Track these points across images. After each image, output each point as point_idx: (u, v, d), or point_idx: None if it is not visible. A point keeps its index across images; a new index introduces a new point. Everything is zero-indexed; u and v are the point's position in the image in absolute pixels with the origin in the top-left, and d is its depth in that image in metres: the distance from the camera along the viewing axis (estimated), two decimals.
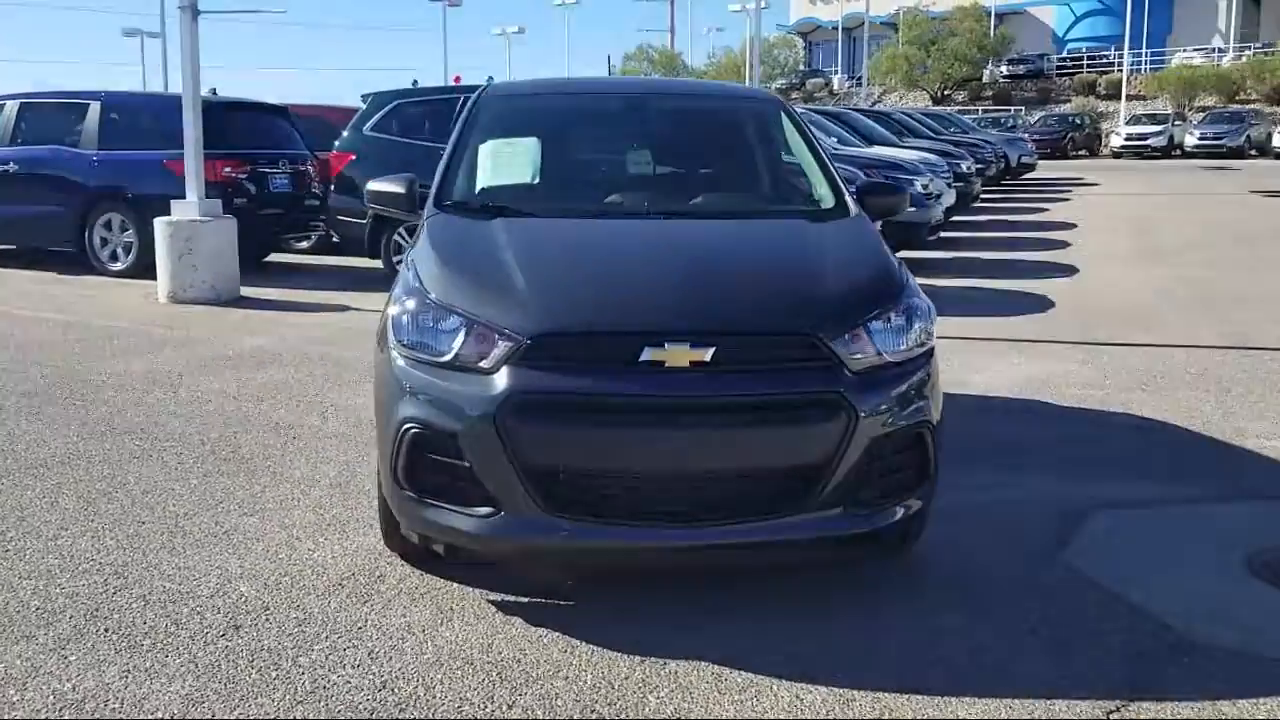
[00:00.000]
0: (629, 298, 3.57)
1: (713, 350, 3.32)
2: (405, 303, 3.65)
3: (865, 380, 3.43)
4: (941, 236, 14.54)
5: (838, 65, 66.83)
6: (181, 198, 10.15)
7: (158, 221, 10.05)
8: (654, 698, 3.08)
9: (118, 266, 11.46)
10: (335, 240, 12.65)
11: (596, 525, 3.35)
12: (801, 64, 68.39)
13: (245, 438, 5.59)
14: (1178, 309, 9.84)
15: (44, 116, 12.12)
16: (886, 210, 4.63)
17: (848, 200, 4.49)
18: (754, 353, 3.42)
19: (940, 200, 13.17)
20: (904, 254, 6.04)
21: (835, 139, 13.95)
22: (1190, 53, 53.04)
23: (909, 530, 3.72)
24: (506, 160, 4.90)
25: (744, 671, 3.20)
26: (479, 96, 5.01)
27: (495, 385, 3.32)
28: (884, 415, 3.44)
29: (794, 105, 6.78)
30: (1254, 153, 40.99)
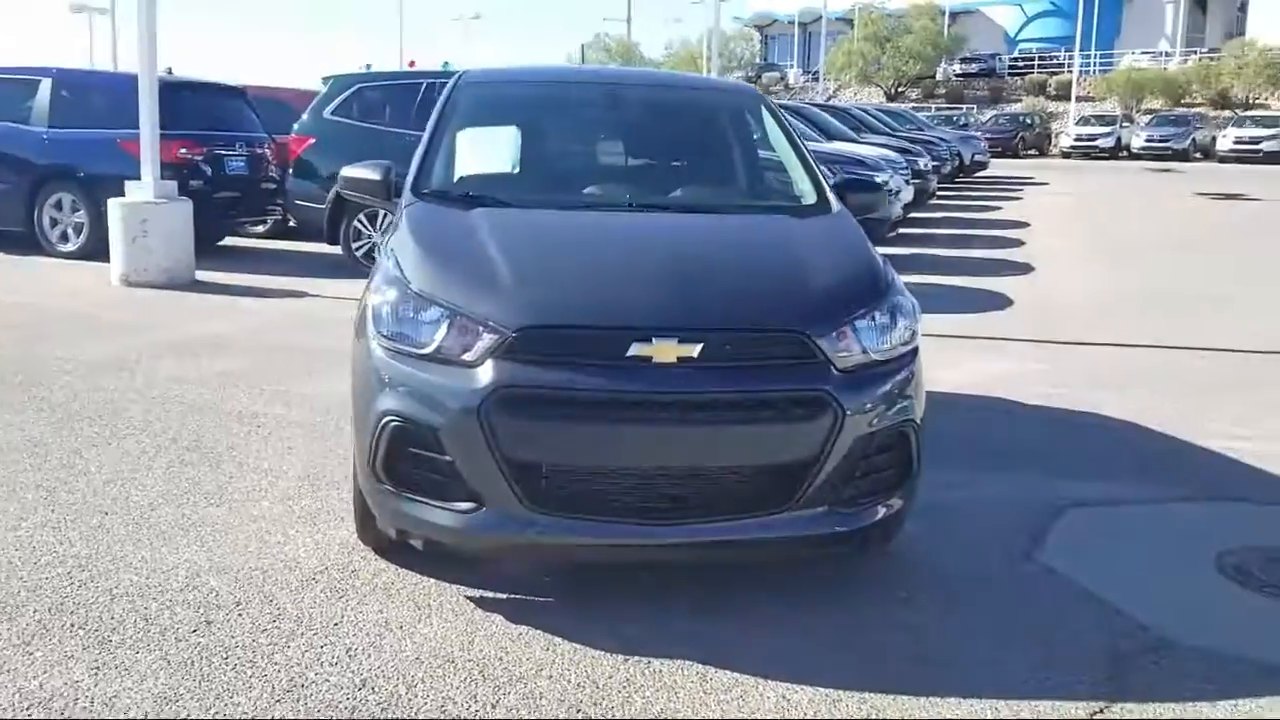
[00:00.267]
0: (617, 292, 3.51)
1: (701, 346, 3.28)
2: (385, 292, 3.57)
3: (852, 378, 3.42)
4: (900, 233, 14.63)
5: (793, 60, 67.10)
6: (135, 178, 9.93)
7: (112, 203, 9.83)
8: (640, 697, 3.04)
9: (67, 248, 11.20)
10: (291, 224, 12.47)
11: (581, 521, 3.30)
12: (758, 58, 68.50)
13: (208, 426, 5.47)
14: (1133, 308, 9.99)
15: None
16: (865, 207, 4.61)
17: (829, 196, 4.46)
18: (742, 349, 3.39)
19: (899, 197, 13.27)
20: None
21: None
22: (1138, 56, 53.92)
23: (890, 528, 3.71)
24: (486, 149, 4.82)
25: (729, 671, 3.18)
26: (456, 83, 4.91)
27: (479, 379, 3.26)
28: (870, 414, 3.43)
29: None
30: (1198, 156, 41.73)
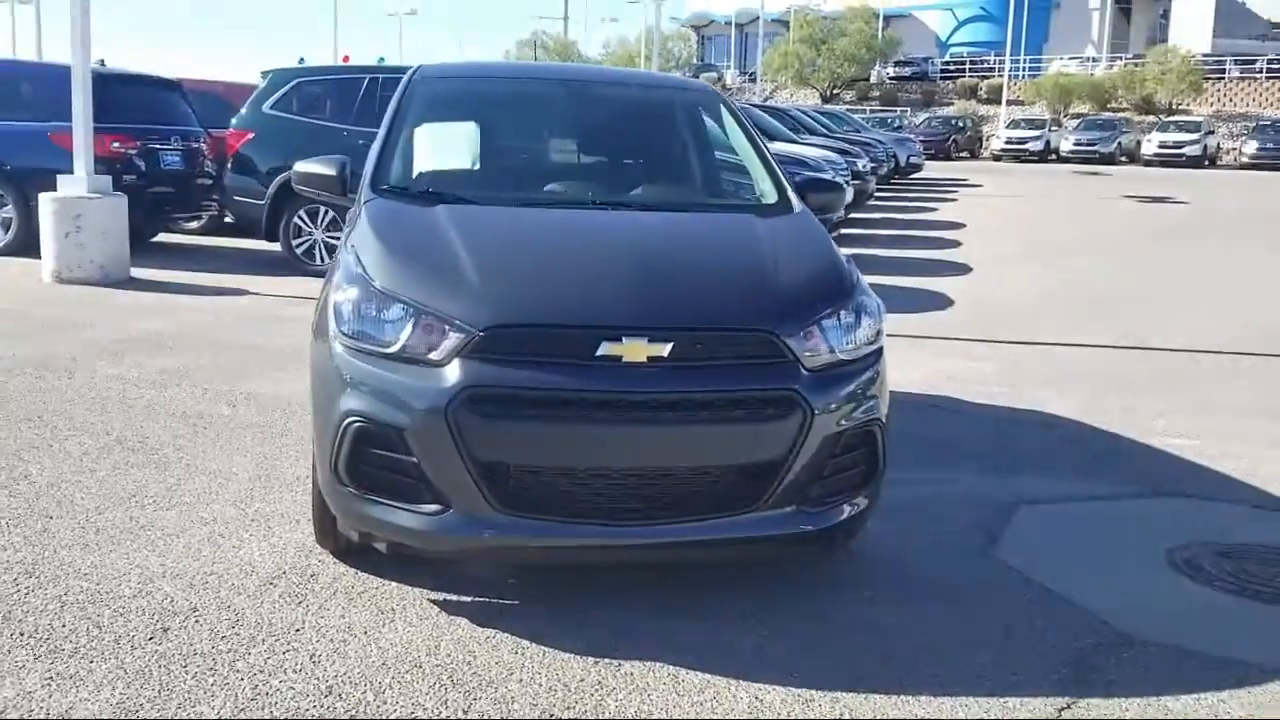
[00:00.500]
0: (585, 291, 3.48)
1: (671, 345, 3.26)
2: (347, 290, 3.50)
3: (820, 378, 3.42)
4: (841, 234, 14.76)
5: (730, 61, 67.40)
6: (67, 172, 9.67)
7: (43, 197, 9.55)
8: (612, 700, 3.02)
9: None
10: (227, 220, 12.22)
11: (549, 523, 3.26)
12: (694, 58, 68.73)
13: (152, 427, 5.32)
14: (1070, 308, 10.19)
15: None
16: (826, 207, 4.62)
17: (791, 196, 4.47)
18: (711, 349, 3.37)
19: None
20: None
21: None
22: (1066, 61, 55.04)
23: (854, 527, 3.72)
24: (445, 145, 4.75)
25: (700, 672, 3.16)
26: (411, 78, 4.82)
27: (446, 378, 3.21)
28: (837, 413, 3.43)
29: None
30: (1124, 159, 42.72)
